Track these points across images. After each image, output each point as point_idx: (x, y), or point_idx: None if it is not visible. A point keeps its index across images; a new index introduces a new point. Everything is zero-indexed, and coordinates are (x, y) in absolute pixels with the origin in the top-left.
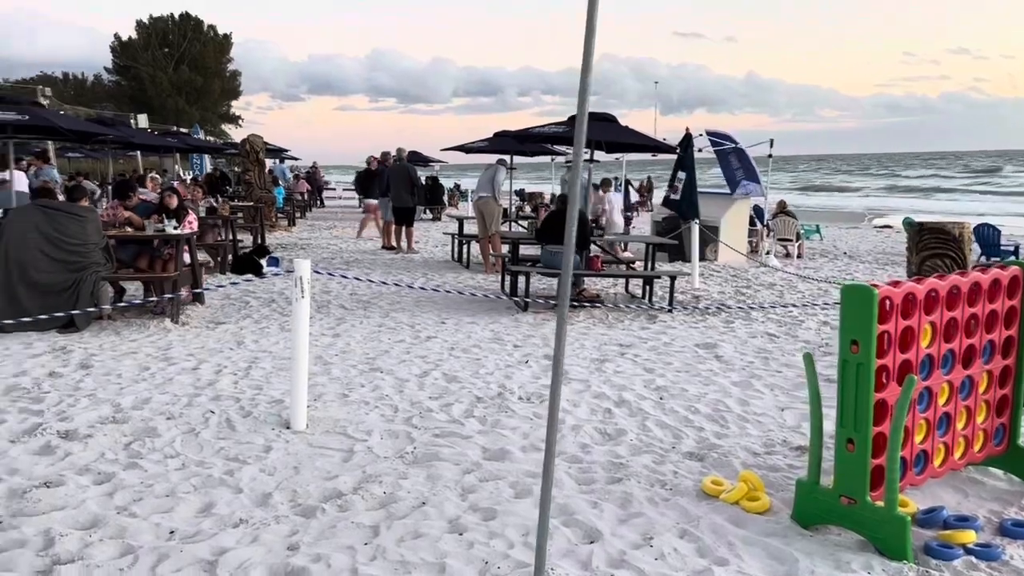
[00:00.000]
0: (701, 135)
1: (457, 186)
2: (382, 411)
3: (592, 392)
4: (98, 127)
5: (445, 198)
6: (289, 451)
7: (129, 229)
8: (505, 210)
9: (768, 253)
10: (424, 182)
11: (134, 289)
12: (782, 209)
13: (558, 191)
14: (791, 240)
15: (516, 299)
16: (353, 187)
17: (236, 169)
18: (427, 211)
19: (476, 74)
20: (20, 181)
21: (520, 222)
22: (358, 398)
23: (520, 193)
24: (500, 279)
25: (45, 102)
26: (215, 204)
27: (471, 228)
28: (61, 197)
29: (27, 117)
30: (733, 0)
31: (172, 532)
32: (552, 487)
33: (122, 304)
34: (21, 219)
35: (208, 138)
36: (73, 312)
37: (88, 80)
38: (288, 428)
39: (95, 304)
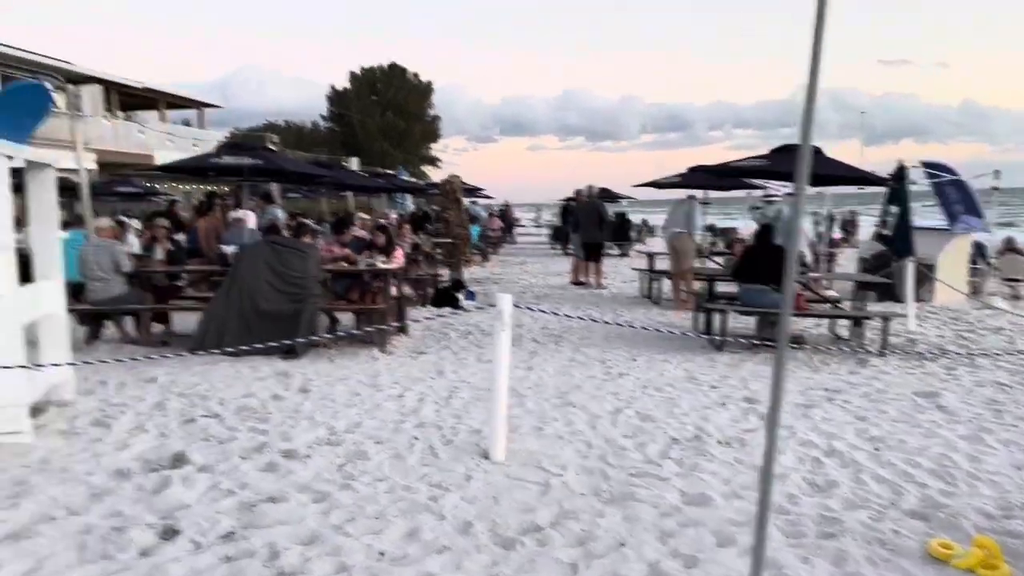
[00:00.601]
0: (915, 166)
1: (645, 222)
2: (576, 446)
3: (798, 439)
4: (318, 169)
5: (633, 234)
6: (488, 481)
7: (343, 264)
8: (698, 247)
9: (993, 295)
10: (612, 218)
11: (346, 320)
12: (1010, 247)
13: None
14: (1021, 281)
15: (712, 338)
16: (537, 223)
17: (435, 208)
18: (615, 247)
19: (664, 110)
20: (251, 220)
21: (715, 258)
22: (552, 432)
23: (712, 228)
24: (692, 316)
25: (274, 148)
26: (419, 241)
27: (661, 264)
28: (286, 234)
29: (261, 161)
30: (945, 25)
31: (382, 553)
32: (766, 538)
33: (339, 334)
34: (253, 254)
35: (410, 179)
36: (296, 340)
37: (305, 127)
38: (487, 458)
39: (313, 333)
